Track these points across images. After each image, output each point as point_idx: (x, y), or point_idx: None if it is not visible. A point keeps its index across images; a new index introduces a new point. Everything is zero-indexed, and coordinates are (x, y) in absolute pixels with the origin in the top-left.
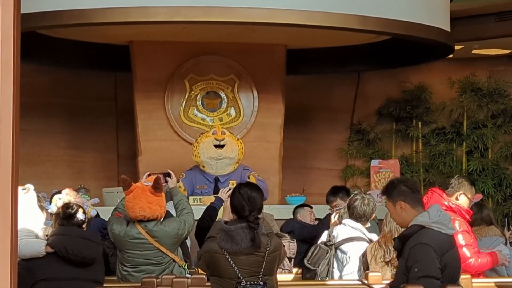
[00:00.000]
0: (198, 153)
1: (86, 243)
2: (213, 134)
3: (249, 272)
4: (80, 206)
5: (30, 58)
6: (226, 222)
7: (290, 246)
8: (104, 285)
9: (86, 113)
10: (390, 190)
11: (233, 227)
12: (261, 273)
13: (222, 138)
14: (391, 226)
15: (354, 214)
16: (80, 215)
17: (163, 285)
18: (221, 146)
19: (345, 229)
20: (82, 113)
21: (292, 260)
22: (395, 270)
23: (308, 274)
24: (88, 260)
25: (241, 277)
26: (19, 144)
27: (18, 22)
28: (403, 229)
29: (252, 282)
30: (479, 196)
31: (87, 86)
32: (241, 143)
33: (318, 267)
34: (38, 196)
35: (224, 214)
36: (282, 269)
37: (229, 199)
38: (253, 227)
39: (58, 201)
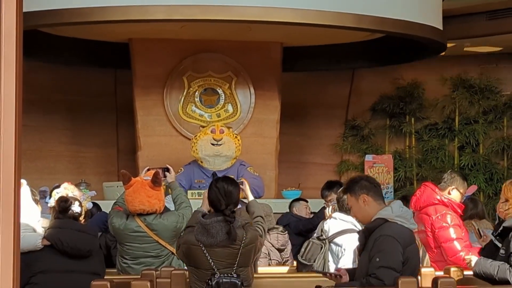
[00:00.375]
0: (196, 149)
1: (82, 236)
2: (211, 132)
3: (224, 264)
4: (76, 199)
5: (32, 55)
6: (204, 215)
7: (278, 237)
8: (104, 277)
9: (86, 109)
10: (352, 185)
11: (209, 221)
12: (236, 265)
13: (220, 137)
14: None
15: (344, 207)
16: (75, 208)
17: (162, 277)
18: (219, 145)
19: (336, 222)
20: (82, 109)
21: (288, 250)
22: None
23: (304, 269)
24: (83, 252)
25: (216, 269)
26: (21, 139)
27: (20, 21)
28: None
29: (225, 274)
30: (474, 187)
31: (88, 82)
32: (238, 140)
33: (314, 262)
34: (31, 190)
35: (203, 204)
36: (270, 260)
37: (206, 192)
38: (229, 220)
39: (56, 195)
